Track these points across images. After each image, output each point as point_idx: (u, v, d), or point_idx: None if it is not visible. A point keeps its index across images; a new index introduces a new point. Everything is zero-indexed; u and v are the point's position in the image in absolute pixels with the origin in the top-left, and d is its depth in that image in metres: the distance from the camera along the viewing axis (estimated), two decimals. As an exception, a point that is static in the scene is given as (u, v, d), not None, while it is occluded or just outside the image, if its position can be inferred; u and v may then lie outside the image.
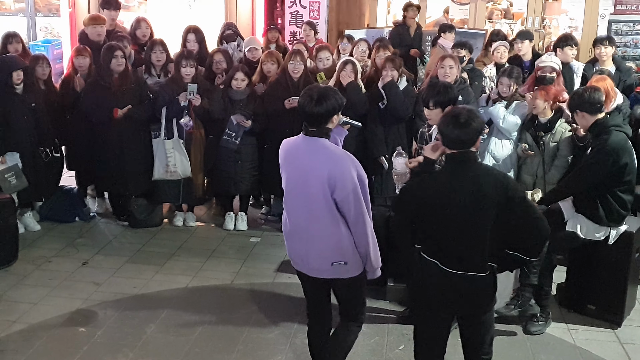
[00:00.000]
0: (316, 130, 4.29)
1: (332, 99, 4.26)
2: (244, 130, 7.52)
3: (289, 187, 4.42)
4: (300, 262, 4.50)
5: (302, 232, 4.39)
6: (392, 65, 7.32)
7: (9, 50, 8.00)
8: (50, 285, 6.50)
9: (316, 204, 4.26)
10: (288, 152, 4.45)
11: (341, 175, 4.18)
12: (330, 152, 4.29)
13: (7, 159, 7.22)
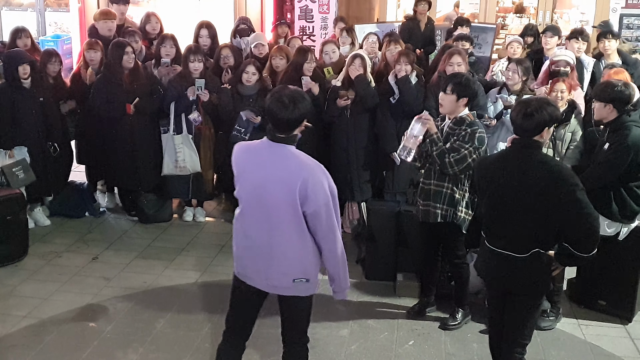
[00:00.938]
0: (284, 137, 3.99)
1: (304, 103, 3.97)
2: (254, 126, 7.50)
3: (248, 196, 4.05)
4: (257, 277, 4.13)
5: (262, 247, 4.04)
6: (406, 59, 7.29)
7: (18, 45, 8.02)
8: (60, 280, 6.51)
9: (281, 216, 3.95)
10: (248, 159, 4.09)
11: (313, 187, 3.87)
12: (301, 160, 3.97)
13: (15, 153, 7.23)
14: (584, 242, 4.16)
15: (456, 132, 5.45)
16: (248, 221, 4.09)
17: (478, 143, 5.38)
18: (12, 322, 5.72)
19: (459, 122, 5.46)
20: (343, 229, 7.70)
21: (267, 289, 4.16)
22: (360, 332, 5.73)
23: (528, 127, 4.22)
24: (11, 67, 7.17)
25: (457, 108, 5.45)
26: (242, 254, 4.18)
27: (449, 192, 5.52)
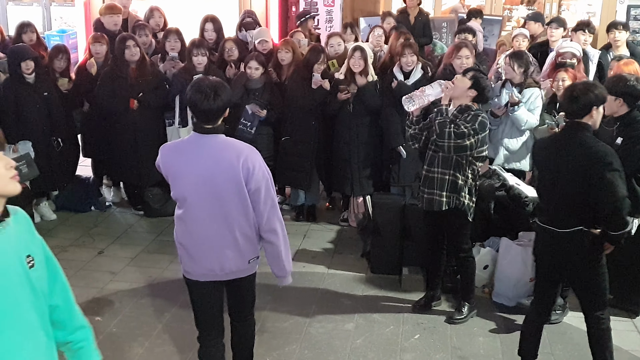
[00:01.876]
0: (212, 127, 4.02)
1: (225, 93, 4.01)
2: (259, 120, 7.49)
3: (189, 192, 4.06)
4: (209, 271, 4.17)
5: (212, 240, 4.10)
6: (411, 50, 7.27)
7: (24, 39, 8.01)
8: (66, 274, 6.29)
9: (230, 203, 4.02)
10: (181, 158, 4.08)
11: (253, 167, 3.96)
12: (235, 146, 4.06)
13: (19, 147, 7.23)
14: (609, 221, 4.45)
15: (459, 118, 5.42)
16: (194, 219, 4.09)
17: (479, 126, 5.34)
18: (18, 317, 5.72)
19: (463, 110, 5.43)
20: (348, 223, 7.74)
21: (223, 277, 4.21)
22: (365, 325, 5.73)
23: (574, 110, 4.53)
24: (14, 62, 7.18)
25: (464, 94, 5.42)
26: (191, 254, 4.18)
27: (452, 179, 5.48)
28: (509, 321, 5.84)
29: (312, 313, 5.88)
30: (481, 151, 5.48)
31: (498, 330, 5.72)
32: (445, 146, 5.36)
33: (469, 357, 5.35)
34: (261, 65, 7.52)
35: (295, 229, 7.70)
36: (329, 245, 7.33)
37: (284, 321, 5.77)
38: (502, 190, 6.35)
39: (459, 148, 5.35)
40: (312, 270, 6.71)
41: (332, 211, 8.29)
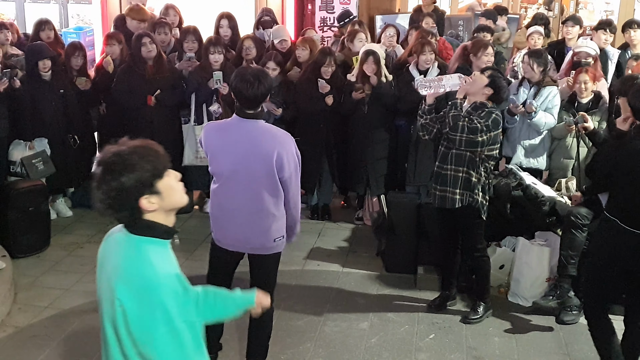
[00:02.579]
0: (254, 112, 4.31)
1: (267, 80, 4.31)
2: (275, 118, 7.49)
3: (226, 170, 4.38)
4: (238, 243, 4.52)
5: (244, 216, 4.40)
6: (430, 48, 7.26)
7: (41, 37, 8.05)
8: (82, 271, 6.54)
9: (260, 185, 4.32)
10: (222, 137, 4.40)
11: (287, 156, 4.28)
12: (272, 133, 4.40)
13: (35, 145, 7.27)
14: None
15: (473, 115, 5.39)
16: (228, 194, 4.41)
17: (492, 123, 5.31)
18: (34, 313, 5.76)
19: (477, 107, 5.40)
20: (363, 221, 7.73)
21: (249, 251, 4.56)
22: (380, 325, 5.71)
23: None
24: (32, 61, 7.22)
25: (480, 92, 5.40)
26: (222, 225, 4.52)
27: (465, 176, 5.45)
28: (524, 321, 5.81)
29: (326, 312, 5.88)
30: (492, 149, 5.45)
31: (514, 331, 5.69)
32: (457, 139, 5.34)
33: (484, 358, 5.32)
34: (278, 66, 7.52)
35: (310, 227, 7.70)
36: (343, 244, 7.32)
37: (298, 320, 5.76)
38: (518, 189, 6.31)
39: (471, 143, 5.32)
40: (326, 268, 6.71)
41: (347, 210, 8.28)
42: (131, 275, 2.56)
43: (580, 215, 5.70)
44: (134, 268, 2.58)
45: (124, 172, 2.54)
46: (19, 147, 7.21)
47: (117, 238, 2.71)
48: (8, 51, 7.89)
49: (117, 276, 2.58)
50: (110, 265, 2.65)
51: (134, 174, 2.54)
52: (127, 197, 2.56)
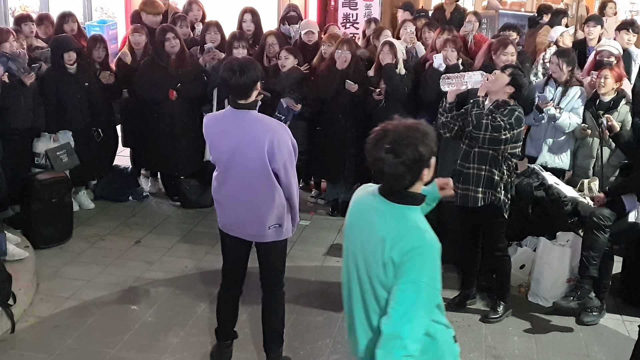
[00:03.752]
0: (245, 103, 4.41)
1: (253, 70, 4.37)
2: (294, 114, 7.50)
3: (223, 159, 4.53)
4: (236, 228, 4.66)
5: (238, 202, 4.55)
6: (453, 45, 7.23)
7: (65, 29, 8.09)
8: (104, 263, 6.59)
9: (254, 173, 4.43)
10: (218, 128, 4.56)
11: (279, 145, 4.36)
12: (265, 123, 4.48)
13: (59, 137, 7.32)
14: None
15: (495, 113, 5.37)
16: (226, 181, 4.57)
17: (515, 121, 5.27)
18: (55, 303, 5.81)
19: (499, 105, 5.37)
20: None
21: (247, 237, 4.68)
22: (400, 322, 5.70)
23: None
24: (57, 53, 7.26)
25: (501, 90, 5.37)
26: (223, 210, 4.68)
27: (488, 175, 5.42)
28: (544, 321, 5.79)
29: (346, 308, 5.88)
30: (515, 147, 5.42)
31: (533, 331, 5.67)
32: (480, 138, 5.32)
33: (503, 357, 5.31)
34: (291, 54, 7.52)
35: (330, 224, 7.71)
36: (363, 241, 7.31)
37: (317, 315, 5.78)
38: (540, 189, 6.29)
39: (495, 141, 5.29)
40: (346, 265, 6.70)
41: (367, 206, 8.26)
42: (406, 237, 2.93)
43: (603, 217, 5.67)
44: (408, 232, 2.95)
45: (421, 144, 2.90)
46: (43, 139, 7.26)
47: (378, 207, 3.05)
48: (33, 43, 7.95)
49: (388, 238, 2.93)
50: (374, 231, 3.00)
51: (427, 148, 2.91)
52: (419, 166, 2.93)
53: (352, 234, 3.15)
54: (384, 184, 3.04)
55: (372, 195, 3.11)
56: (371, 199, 3.10)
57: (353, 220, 3.18)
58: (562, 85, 6.86)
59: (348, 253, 3.16)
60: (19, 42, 7.21)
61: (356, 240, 3.11)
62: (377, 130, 3.05)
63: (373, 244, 2.98)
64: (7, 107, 6.64)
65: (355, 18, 10.19)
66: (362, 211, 3.14)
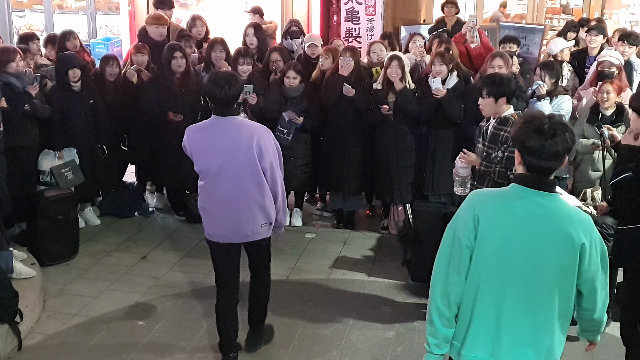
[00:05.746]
0: (229, 109, 4.74)
1: (238, 83, 4.76)
2: (296, 127, 7.54)
3: (213, 167, 4.76)
4: (228, 234, 4.89)
5: (231, 206, 4.80)
6: (441, 60, 7.25)
7: (68, 46, 8.15)
8: (110, 279, 6.62)
9: (244, 175, 4.73)
10: (205, 137, 4.80)
11: (265, 145, 4.73)
12: (250, 126, 4.89)
13: (64, 154, 7.36)
14: None
15: (500, 132, 5.39)
16: (216, 187, 4.80)
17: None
18: (62, 320, 5.83)
19: (503, 122, 5.40)
20: (388, 230, 7.75)
21: (240, 240, 4.94)
22: (406, 334, 5.72)
23: None
24: (62, 70, 7.31)
25: (498, 109, 5.40)
26: (212, 218, 4.91)
27: None
28: (550, 331, 5.78)
29: (352, 320, 5.89)
30: None
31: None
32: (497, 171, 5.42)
33: (510, 367, 5.30)
34: (299, 74, 7.57)
35: (336, 236, 7.73)
36: (369, 253, 7.34)
37: (324, 328, 5.79)
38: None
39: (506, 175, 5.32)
40: (352, 277, 6.73)
41: (372, 219, 8.30)
42: (586, 224, 3.10)
43: (606, 225, 5.67)
44: (583, 218, 3.11)
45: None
46: (48, 157, 7.30)
47: (556, 206, 3.10)
48: (38, 61, 8.02)
49: (577, 228, 3.06)
50: (559, 226, 3.06)
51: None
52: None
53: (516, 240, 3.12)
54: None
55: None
56: (515, 199, 3.14)
57: (515, 226, 3.12)
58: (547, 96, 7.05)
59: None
60: (26, 60, 7.27)
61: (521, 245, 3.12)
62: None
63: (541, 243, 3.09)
64: (13, 125, 6.68)
65: (357, 32, 10.22)
66: (515, 214, 3.13)
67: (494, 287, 3.12)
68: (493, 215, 3.11)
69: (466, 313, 3.21)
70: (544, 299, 3.12)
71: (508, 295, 3.11)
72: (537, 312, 3.14)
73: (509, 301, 3.11)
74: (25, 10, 12.37)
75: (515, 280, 3.09)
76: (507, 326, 3.13)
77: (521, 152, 3.11)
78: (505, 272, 3.10)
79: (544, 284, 3.10)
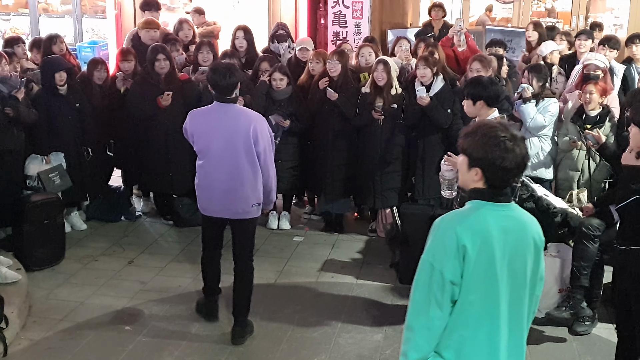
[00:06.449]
0: (230, 97, 5.28)
1: (237, 72, 5.37)
2: (283, 130, 7.54)
3: (214, 148, 5.29)
4: (221, 209, 5.41)
5: (225, 184, 5.29)
6: (424, 63, 7.26)
7: (54, 50, 8.12)
8: (97, 284, 6.58)
9: (241, 158, 5.24)
10: (208, 121, 5.35)
11: (261, 131, 5.26)
12: (247, 113, 5.42)
13: (51, 159, 7.32)
14: None
15: None
16: (213, 165, 5.33)
17: None
18: (49, 326, 5.79)
19: None
20: (377, 233, 7.75)
21: (231, 216, 5.43)
22: (394, 336, 5.71)
23: None
24: (48, 73, 7.27)
25: (478, 112, 5.34)
26: (207, 194, 5.43)
27: None
28: (537, 332, 5.79)
29: (341, 323, 5.89)
30: None
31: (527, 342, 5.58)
32: None
33: (498, 369, 5.31)
34: (285, 76, 7.58)
35: (324, 239, 7.73)
36: (357, 256, 7.34)
37: (312, 331, 5.78)
38: (530, 201, 6.32)
39: None
40: (340, 280, 6.73)
41: (360, 221, 8.30)
42: (537, 224, 3.17)
43: (592, 227, 5.71)
44: (535, 220, 3.18)
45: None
46: (35, 162, 7.25)
47: (518, 214, 3.11)
48: (24, 65, 7.98)
49: (536, 231, 3.12)
50: (526, 233, 3.08)
51: None
52: None
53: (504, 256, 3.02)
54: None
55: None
56: (488, 214, 3.02)
57: (500, 242, 3.00)
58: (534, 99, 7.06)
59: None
60: (12, 64, 7.24)
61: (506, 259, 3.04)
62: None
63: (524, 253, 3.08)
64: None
65: (345, 36, 10.22)
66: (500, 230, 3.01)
67: (487, 310, 2.99)
68: (477, 240, 2.93)
69: (455, 338, 3.01)
70: (524, 307, 3.10)
71: (502, 315, 3.01)
72: (522, 322, 3.12)
73: (503, 320, 3.02)
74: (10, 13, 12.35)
75: (505, 298, 3.01)
76: (503, 345, 3.04)
77: (482, 167, 2.97)
78: (496, 294, 2.97)
79: (525, 294, 3.08)
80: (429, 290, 2.97)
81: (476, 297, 2.96)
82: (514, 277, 3.02)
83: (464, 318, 2.98)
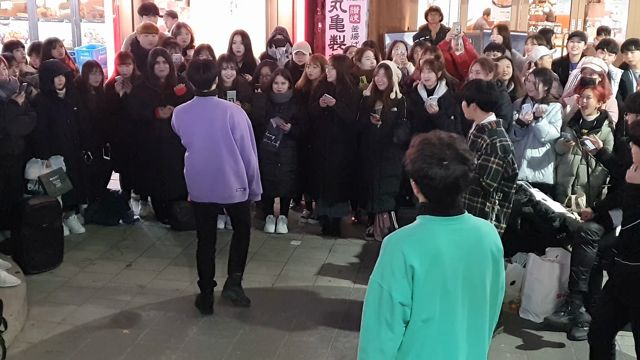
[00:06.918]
0: (208, 91, 5.69)
1: (213, 67, 5.82)
2: (284, 133, 7.55)
3: (197, 140, 5.71)
4: (209, 194, 5.82)
5: (211, 172, 5.72)
6: (430, 67, 7.28)
7: (53, 54, 8.12)
8: (95, 287, 6.58)
9: (220, 146, 5.65)
10: (192, 115, 5.74)
11: (238, 119, 5.68)
12: (225, 104, 5.86)
13: (51, 162, 7.32)
14: None
15: (478, 140, 5.36)
16: (198, 157, 5.76)
17: (501, 152, 5.21)
18: (47, 329, 5.79)
19: (480, 130, 5.32)
20: (374, 237, 7.75)
21: (218, 200, 5.86)
22: (392, 340, 5.71)
23: None
24: (47, 78, 7.28)
25: (472, 114, 5.34)
26: (196, 183, 5.87)
27: (480, 206, 5.35)
28: (536, 337, 5.81)
29: (338, 327, 5.88)
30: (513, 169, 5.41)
31: (525, 347, 5.69)
32: (490, 190, 5.33)
33: (495, 373, 5.33)
34: (287, 80, 7.60)
35: (321, 243, 7.73)
36: (354, 260, 7.34)
37: (310, 335, 5.78)
38: (528, 205, 6.33)
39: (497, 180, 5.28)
40: (338, 284, 6.73)
41: (357, 226, 8.30)
42: (493, 233, 3.05)
43: (591, 232, 5.72)
44: (491, 228, 3.09)
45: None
46: (35, 165, 7.24)
47: (471, 225, 2.98)
48: (23, 69, 7.99)
49: (492, 240, 3.00)
50: (482, 245, 2.96)
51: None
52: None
53: (457, 262, 2.92)
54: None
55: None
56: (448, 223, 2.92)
57: (453, 248, 2.90)
58: (539, 103, 6.97)
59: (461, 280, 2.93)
60: (12, 69, 7.24)
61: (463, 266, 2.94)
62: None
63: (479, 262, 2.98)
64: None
65: (342, 40, 10.24)
66: (457, 236, 2.92)
67: (443, 328, 2.89)
68: (426, 259, 2.82)
69: (411, 358, 2.91)
70: (485, 320, 3.00)
71: (459, 332, 2.91)
72: (483, 335, 3.01)
73: (461, 336, 2.92)
74: (9, 18, 12.34)
75: (463, 314, 2.91)
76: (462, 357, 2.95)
77: (415, 181, 2.92)
78: (452, 311, 2.88)
79: (485, 307, 2.98)
80: (378, 312, 2.86)
81: (430, 316, 2.86)
82: (472, 291, 2.92)
83: (419, 338, 2.88)
